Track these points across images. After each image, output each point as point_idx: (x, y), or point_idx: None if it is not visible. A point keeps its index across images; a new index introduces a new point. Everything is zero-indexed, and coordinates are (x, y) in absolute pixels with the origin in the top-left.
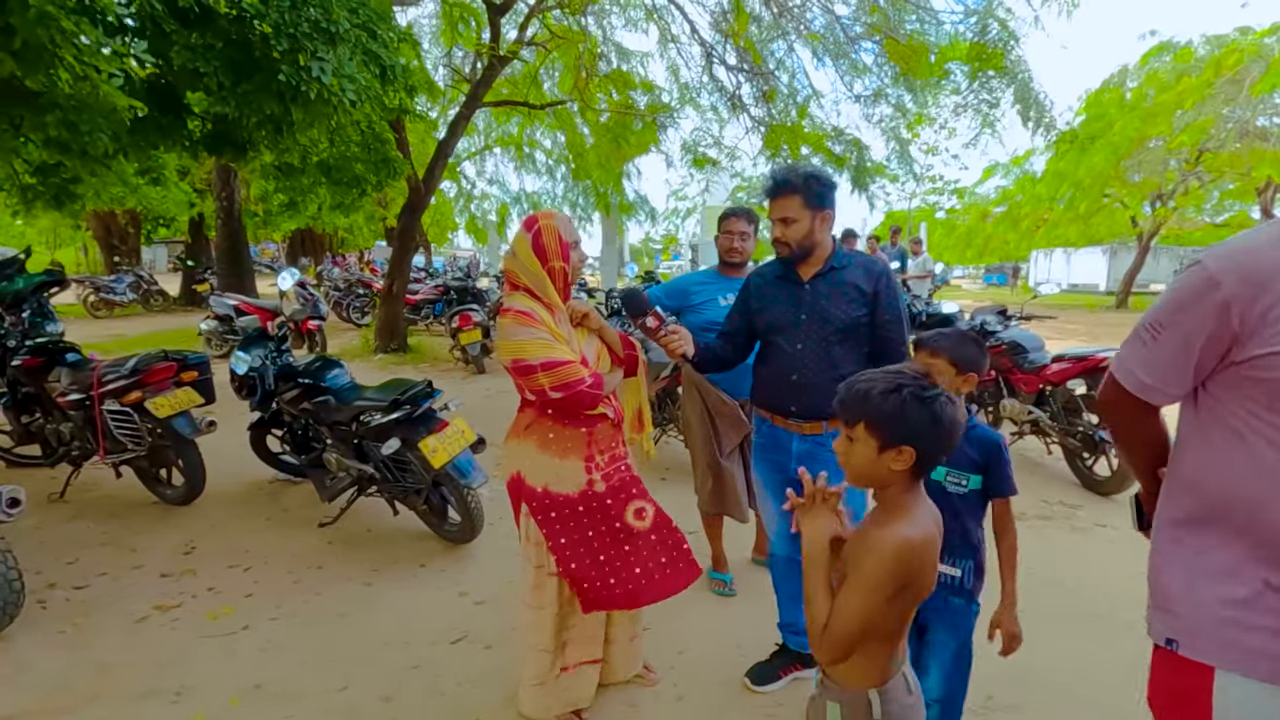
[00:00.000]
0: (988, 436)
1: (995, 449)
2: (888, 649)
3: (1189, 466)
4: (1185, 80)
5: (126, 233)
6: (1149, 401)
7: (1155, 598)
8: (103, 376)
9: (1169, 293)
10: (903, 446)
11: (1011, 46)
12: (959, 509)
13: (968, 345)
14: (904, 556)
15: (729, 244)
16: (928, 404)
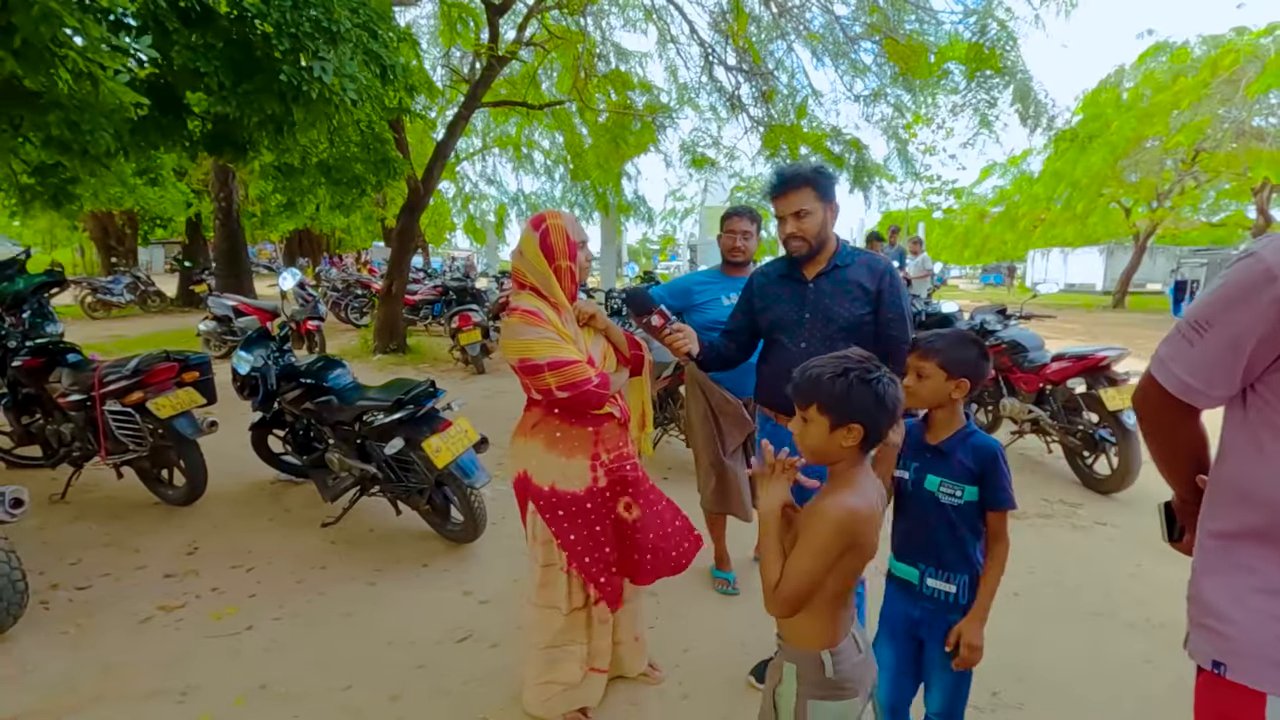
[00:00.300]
0: (985, 444)
1: (992, 458)
2: (836, 611)
3: (1239, 475)
4: (1181, 80)
5: (123, 233)
6: (1191, 404)
7: (1199, 616)
8: (104, 377)
9: (1218, 287)
10: (851, 424)
11: (1010, 47)
12: (954, 521)
13: (965, 348)
14: (849, 524)
15: (732, 243)
16: (871, 385)
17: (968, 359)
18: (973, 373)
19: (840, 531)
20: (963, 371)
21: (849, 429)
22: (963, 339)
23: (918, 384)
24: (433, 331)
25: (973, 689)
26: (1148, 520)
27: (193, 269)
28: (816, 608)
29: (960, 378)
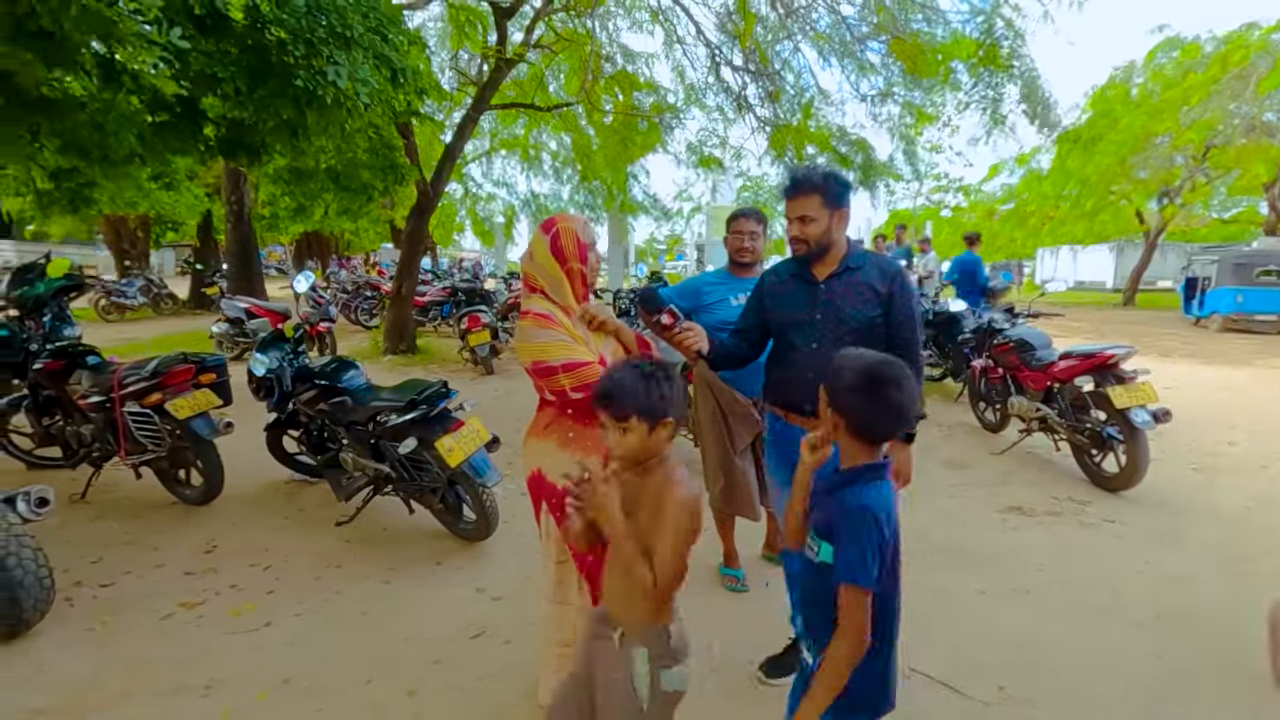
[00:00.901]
0: (850, 502)
1: (846, 518)
2: (678, 588)
3: None
4: (1192, 76)
5: (136, 237)
6: None
7: None
8: (124, 379)
9: None
10: (665, 420)
11: (1018, 45)
12: (817, 583)
13: (840, 378)
14: (699, 507)
15: (739, 244)
16: (659, 383)
17: (853, 399)
18: (843, 408)
19: (696, 516)
20: (835, 405)
21: (663, 425)
22: (874, 376)
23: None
24: (442, 332)
25: (980, 681)
26: (1155, 517)
27: (204, 271)
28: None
29: (836, 413)
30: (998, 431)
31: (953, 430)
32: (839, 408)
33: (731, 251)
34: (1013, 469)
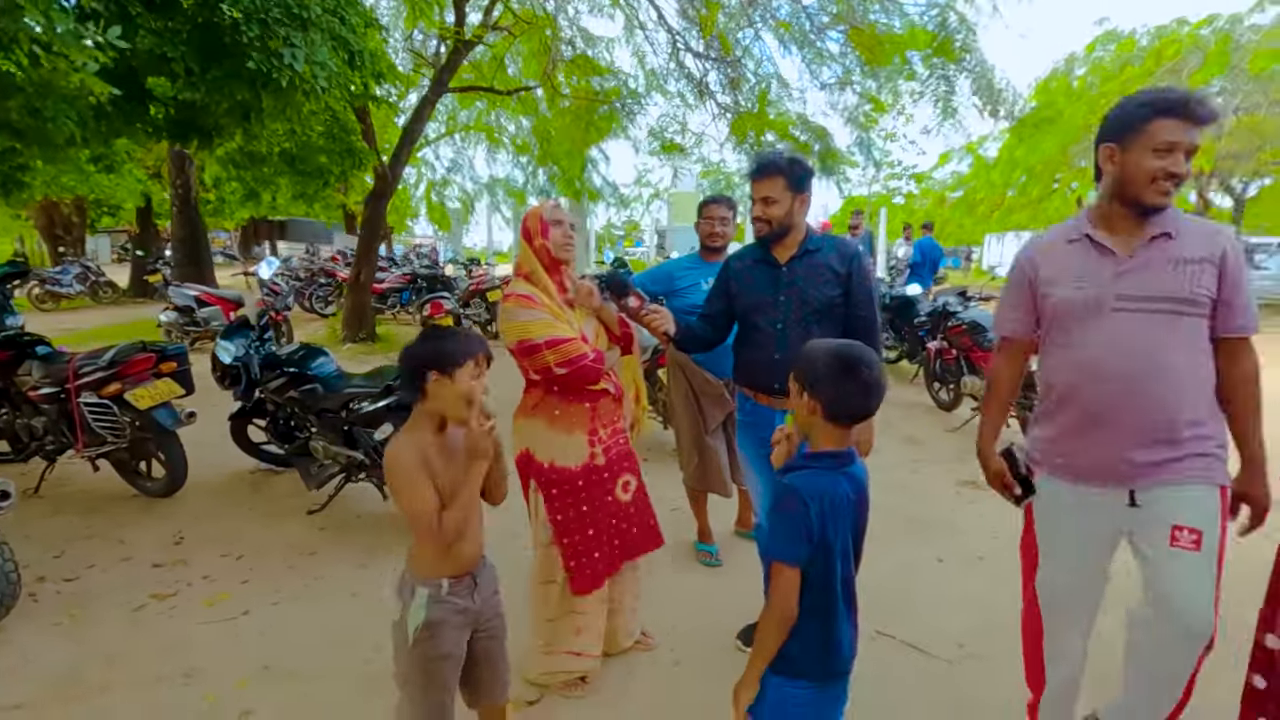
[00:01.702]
0: (784, 484)
1: (777, 497)
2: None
3: None
4: (1128, 69)
5: (71, 222)
6: None
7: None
8: (79, 369)
9: None
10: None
11: (970, 39)
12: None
13: (824, 369)
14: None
15: (710, 229)
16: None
17: (825, 379)
18: (820, 392)
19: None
20: (813, 390)
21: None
22: (839, 359)
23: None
24: (401, 320)
25: (941, 641)
26: None
27: (146, 258)
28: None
29: (813, 398)
30: (951, 410)
31: (910, 409)
32: (816, 392)
33: (703, 237)
34: (967, 445)
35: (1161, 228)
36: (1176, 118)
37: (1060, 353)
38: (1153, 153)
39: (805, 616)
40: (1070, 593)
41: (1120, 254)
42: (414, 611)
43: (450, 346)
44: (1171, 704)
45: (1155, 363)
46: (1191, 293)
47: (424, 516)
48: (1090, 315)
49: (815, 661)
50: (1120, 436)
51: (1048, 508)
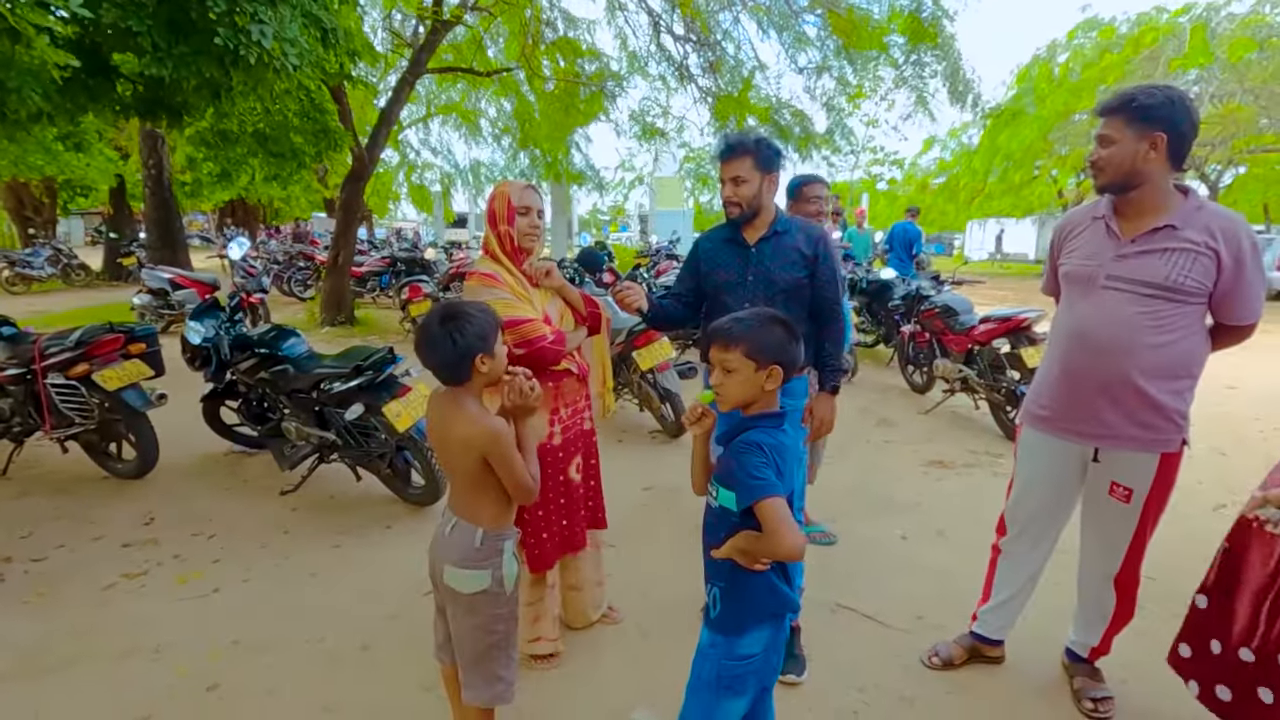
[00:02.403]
0: (743, 441)
1: (743, 451)
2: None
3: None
4: (1108, 56)
5: (41, 203)
6: None
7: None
8: (45, 350)
9: None
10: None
11: (944, 25)
12: (716, 526)
13: (769, 330)
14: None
15: (816, 209)
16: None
17: (774, 341)
18: (783, 356)
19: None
20: (772, 357)
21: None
22: (765, 319)
23: (725, 380)
24: (381, 303)
25: (900, 612)
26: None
27: (119, 240)
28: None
29: (771, 364)
30: (924, 392)
31: (885, 392)
32: (774, 359)
33: (808, 217)
34: (938, 427)
35: (1168, 219)
36: (1099, 114)
37: (1062, 317)
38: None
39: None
40: (1035, 517)
41: (1123, 239)
42: (508, 562)
43: (485, 327)
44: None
45: (1130, 339)
46: (1177, 281)
47: (526, 476)
48: (1086, 288)
49: (781, 602)
50: (1091, 400)
51: (1027, 449)
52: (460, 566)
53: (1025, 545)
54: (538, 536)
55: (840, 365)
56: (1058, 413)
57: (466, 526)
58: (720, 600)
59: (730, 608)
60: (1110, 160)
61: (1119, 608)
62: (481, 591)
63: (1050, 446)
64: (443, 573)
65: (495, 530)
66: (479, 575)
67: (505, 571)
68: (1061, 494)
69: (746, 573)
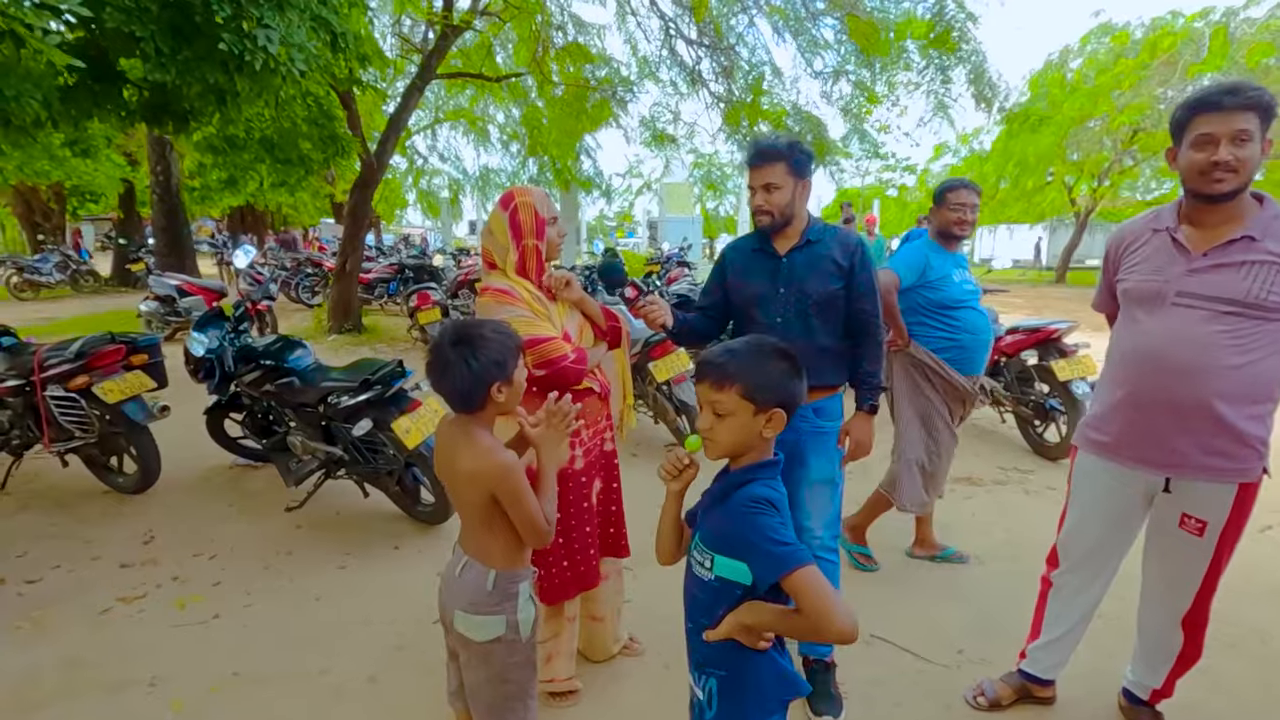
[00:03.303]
0: (745, 499)
1: (746, 521)
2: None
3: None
4: (1123, 62)
5: (50, 209)
6: None
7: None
8: (44, 361)
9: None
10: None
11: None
12: (712, 602)
13: (767, 363)
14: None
15: (960, 216)
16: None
17: (776, 379)
18: (786, 397)
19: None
20: (775, 398)
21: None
22: (764, 351)
23: (717, 425)
24: (389, 310)
25: (940, 645)
26: None
27: (128, 247)
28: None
29: (772, 407)
30: None
31: None
32: (774, 398)
33: (949, 225)
34: (963, 441)
35: (1245, 230)
36: (1210, 111)
37: (1124, 336)
38: (1192, 147)
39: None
40: (1093, 551)
41: (1194, 252)
42: (523, 606)
43: (504, 352)
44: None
45: (1207, 361)
46: (1260, 297)
47: (540, 517)
48: (1153, 305)
49: (790, 687)
50: (1162, 426)
51: (1085, 477)
52: (472, 612)
53: (1081, 579)
54: (558, 565)
55: (880, 383)
56: (1122, 439)
57: (478, 567)
58: (718, 695)
59: (731, 703)
60: (1249, 160)
61: (1185, 649)
62: (496, 639)
63: (1112, 475)
64: (453, 618)
65: (509, 571)
66: (492, 621)
67: (521, 616)
68: (1123, 525)
69: (750, 656)
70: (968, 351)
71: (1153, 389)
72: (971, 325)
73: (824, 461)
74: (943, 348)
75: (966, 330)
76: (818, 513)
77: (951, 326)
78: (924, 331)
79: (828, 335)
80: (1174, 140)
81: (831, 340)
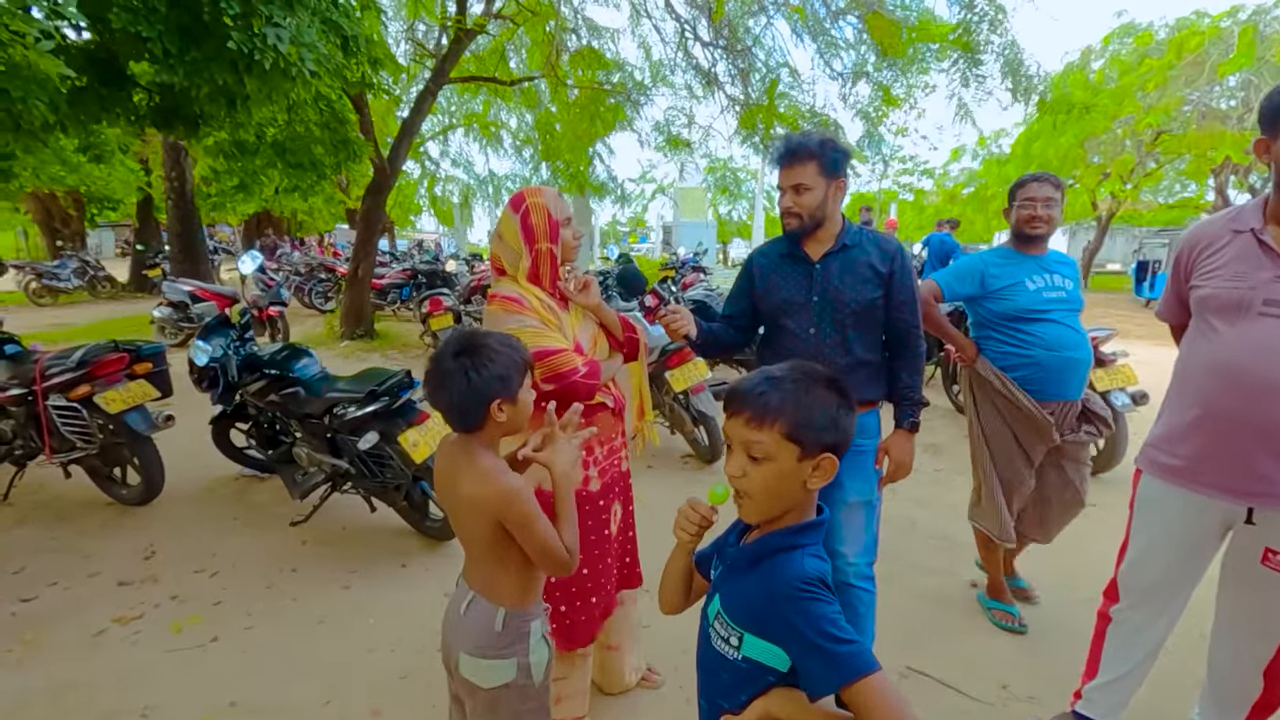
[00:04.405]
0: (792, 576)
1: (793, 602)
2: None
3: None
4: (1148, 62)
5: (69, 215)
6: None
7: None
8: (46, 370)
9: None
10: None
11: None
12: (740, 686)
13: (819, 399)
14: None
15: (1030, 213)
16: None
17: (827, 415)
18: (840, 438)
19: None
20: (827, 438)
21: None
22: (813, 380)
23: (753, 471)
24: (401, 316)
25: (982, 680)
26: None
27: (145, 252)
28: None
29: (822, 451)
30: None
31: (928, 414)
32: (829, 441)
33: (1020, 223)
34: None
35: None
36: None
37: (1199, 349)
38: None
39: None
40: (1159, 585)
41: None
42: (536, 647)
43: (508, 366)
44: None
45: None
46: None
47: (556, 544)
48: (1235, 315)
49: None
50: (1245, 449)
51: (1151, 505)
52: (479, 655)
53: (1144, 615)
54: (584, 601)
55: (920, 399)
56: (1197, 464)
57: (485, 605)
58: None
59: None
60: None
61: (1265, 696)
62: (505, 685)
63: (1183, 503)
64: (458, 661)
65: (520, 610)
66: (501, 666)
67: (534, 659)
68: (1193, 558)
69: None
70: (1045, 371)
71: (1233, 408)
72: (1050, 340)
73: (860, 482)
74: (1012, 365)
75: (1042, 346)
76: (853, 537)
77: (1022, 341)
78: (993, 347)
79: (864, 347)
80: (1264, 131)
81: (869, 352)
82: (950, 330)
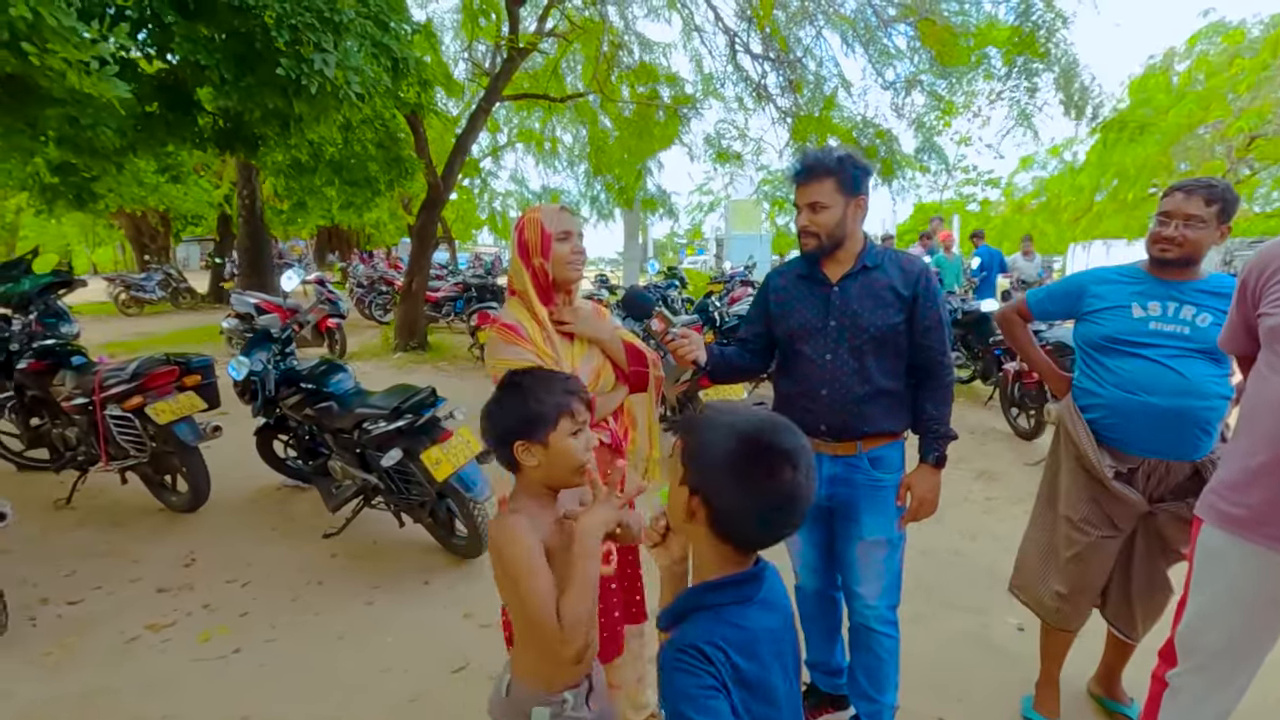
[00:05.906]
0: (671, 646)
1: (664, 664)
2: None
3: None
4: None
5: (156, 231)
6: None
7: None
8: (104, 381)
9: None
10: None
11: (1057, 27)
12: None
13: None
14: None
15: (1161, 231)
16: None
17: (704, 461)
18: (706, 485)
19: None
20: (696, 479)
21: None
22: (709, 424)
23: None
24: (455, 329)
25: (1005, 701)
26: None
27: (222, 265)
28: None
29: (695, 494)
30: (1032, 439)
31: (984, 437)
32: (700, 484)
33: (1148, 241)
34: (1022, 469)
35: None
36: None
37: (1268, 385)
38: None
39: None
40: (1225, 649)
41: None
42: None
43: (534, 407)
44: None
45: None
46: None
47: (545, 613)
48: None
49: None
50: None
51: (1214, 558)
52: (489, 712)
53: (1207, 682)
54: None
55: (947, 431)
56: (1265, 514)
57: (507, 669)
58: None
59: None
60: None
61: None
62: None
63: (1251, 557)
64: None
65: (533, 692)
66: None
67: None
68: (1265, 619)
69: None
70: (1119, 416)
71: None
72: (1128, 378)
73: (878, 518)
74: (1085, 406)
75: (1116, 384)
76: (870, 577)
77: (1096, 376)
78: (1077, 379)
79: (885, 375)
80: None
81: (889, 380)
82: (1035, 354)
